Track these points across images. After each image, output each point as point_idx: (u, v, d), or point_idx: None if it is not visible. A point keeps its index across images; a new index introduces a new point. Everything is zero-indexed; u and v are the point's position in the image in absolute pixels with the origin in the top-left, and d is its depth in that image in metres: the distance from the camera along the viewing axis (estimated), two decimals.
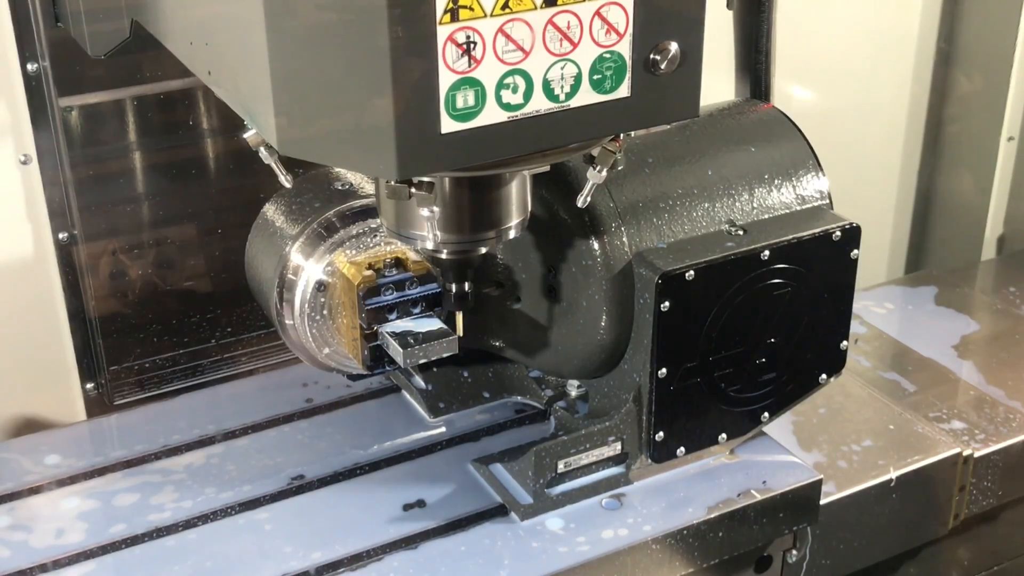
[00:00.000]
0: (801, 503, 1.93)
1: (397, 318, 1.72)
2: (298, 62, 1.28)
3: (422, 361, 1.70)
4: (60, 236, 2.12)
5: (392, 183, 1.43)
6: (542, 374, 2.08)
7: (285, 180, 1.66)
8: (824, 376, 1.94)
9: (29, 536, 1.80)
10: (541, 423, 2.04)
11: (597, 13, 1.29)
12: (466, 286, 1.68)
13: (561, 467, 1.85)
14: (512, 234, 1.61)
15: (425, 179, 1.45)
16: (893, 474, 2.04)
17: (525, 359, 1.97)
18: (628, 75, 1.34)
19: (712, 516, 1.85)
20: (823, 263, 1.85)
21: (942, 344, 2.47)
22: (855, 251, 1.86)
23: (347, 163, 1.41)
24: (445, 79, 1.24)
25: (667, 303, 1.74)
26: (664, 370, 1.79)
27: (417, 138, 1.26)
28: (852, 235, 1.84)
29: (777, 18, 2.08)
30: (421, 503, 1.87)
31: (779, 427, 2.07)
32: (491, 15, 1.24)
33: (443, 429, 2.03)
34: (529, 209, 1.64)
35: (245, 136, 1.56)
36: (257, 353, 2.33)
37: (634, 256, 1.77)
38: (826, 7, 2.70)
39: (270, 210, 1.86)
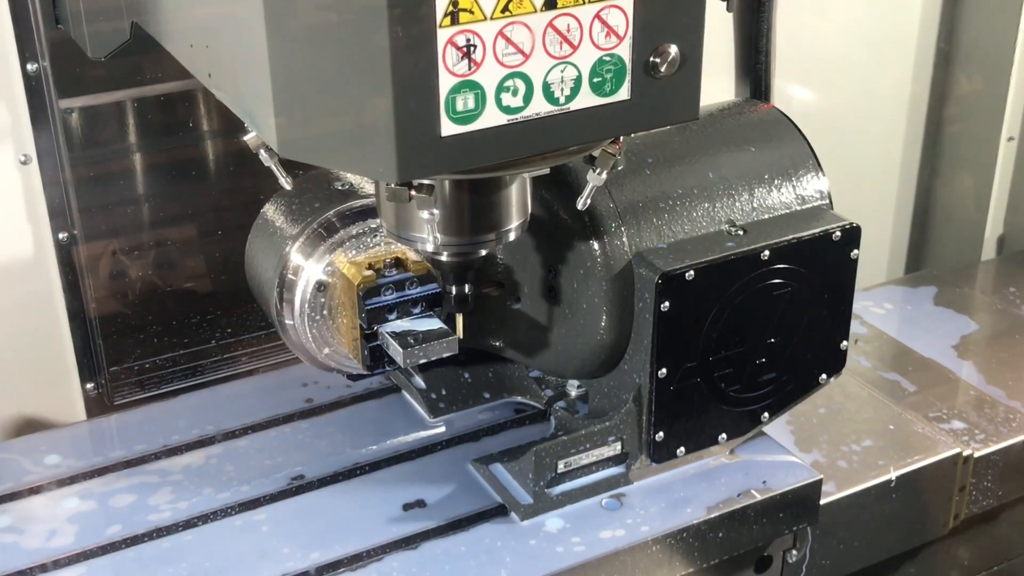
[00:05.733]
0: (801, 503, 1.93)
1: (397, 318, 1.72)
2: (298, 65, 1.28)
3: (422, 361, 1.70)
4: (60, 236, 2.12)
5: (392, 186, 1.43)
6: (542, 374, 2.08)
7: (285, 182, 1.66)
8: (824, 376, 1.94)
9: (29, 537, 1.80)
10: (541, 423, 2.04)
11: (597, 16, 1.29)
12: (466, 288, 1.69)
13: (561, 467, 1.85)
14: (512, 236, 1.61)
15: (425, 182, 1.45)
16: (893, 474, 2.04)
17: (525, 359, 1.97)
18: (628, 78, 1.34)
19: (712, 516, 1.85)
20: (823, 263, 1.85)
21: (942, 344, 2.48)
22: (855, 251, 1.86)
23: (347, 166, 1.41)
24: (445, 82, 1.25)
25: (667, 303, 1.74)
26: (664, 370, 1.79)
27: (417, 141, 1.26)
28: (852, 235, 1.85)
29: (777, 18, 2.07)
30: (421, 503, 1.87)
31: (779, 427, 2.08)
32: (491, 18, 1.24)
33: (443, 429, 2.03)
34: (529, 211, 1.64)
35: (245, 138, 1.56)
36: (257, 353, 2.33)
37: (634, 256, 1.77)
38: (826, 7, 2.70)
39: (270, 210, 1.86)
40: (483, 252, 1.64)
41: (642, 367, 1.81)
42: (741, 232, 1.82)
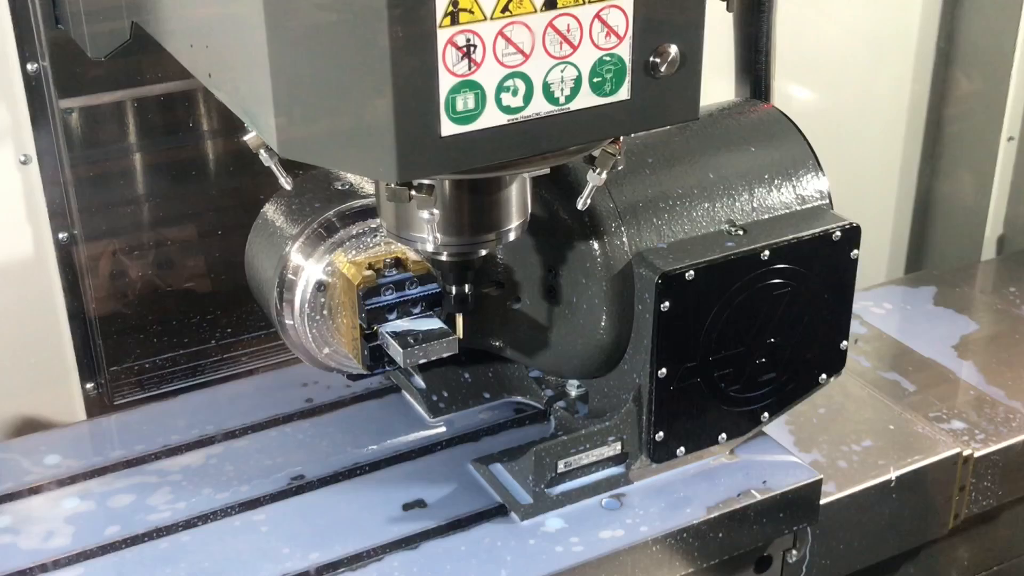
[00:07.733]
0: (801, 503, 1.93)
1: (397, 318, 1.72)
2: (298, 64, 1.28)
3: (422, 361, 1.70)
4: (60, 236, 2.12)
5: (392, 186, 1.43)
6: (542, 374, 2.08)
7: (285, 182, 1.66)
8: (824, 376, 1.94)
9: (28, 537, 1.80)
10: (541, 423, 2.04)
11: (597, 16, 1.30)
12: (466, 288, 1.69)
13: (561, 467, 1.85)
14: (512, 236, 1.61)
15: (425, 182, 1.45)
16: (893, 474, 2.04)
17: (525, 359, 1.97)
18: (628, 78, 1.34)
19: (712, 516, 1.85)
20: (823, 263, 1.85)
21: (942, 344, 2.47)
22: (855, 251, 1.86)
23: (347, 165, 1.41)
24: (445, 82, 1.25)
25: (667, 303, 1.74)
26: (664, 370, 1.79)
27: (417, 141, 1.26)
28: (852, 235, 1.85)
29: (777, 18, 2.08)
30: (421, 503, 1.87)
31: (779, 427, 2.07)
32: (491, 18, 1.24)
33: (443, 429, 2.03)
34: (529, 211, 1.64)
35: (245, 138, 1.56)
36: (257, 353, 2.33)
37: (634, 256, 1.77)
38: (826, 7, 2.69)
39: (270, 210, 1.86)
40: (483, 252, 1.64)
41: (642, 367, 1.81)
42: (741, 232, 1.82)
